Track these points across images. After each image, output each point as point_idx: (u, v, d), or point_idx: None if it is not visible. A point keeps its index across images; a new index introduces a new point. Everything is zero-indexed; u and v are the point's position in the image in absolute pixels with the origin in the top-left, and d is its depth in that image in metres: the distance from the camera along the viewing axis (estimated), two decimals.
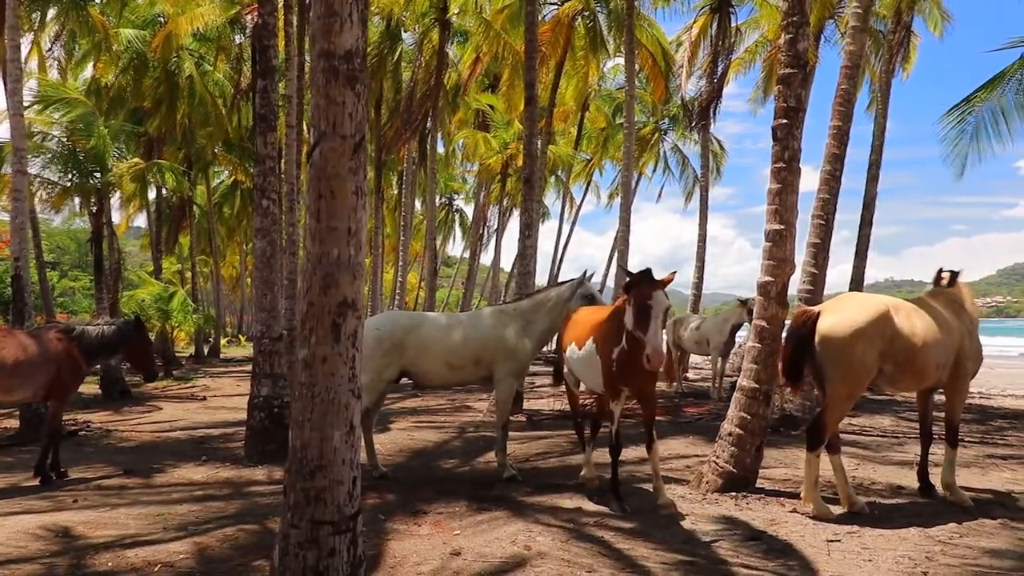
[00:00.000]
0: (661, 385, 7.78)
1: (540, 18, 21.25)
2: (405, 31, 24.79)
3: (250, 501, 7.05)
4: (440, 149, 35.11)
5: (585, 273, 8.01)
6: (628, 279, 6.21)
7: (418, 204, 37.24)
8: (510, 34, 21.87)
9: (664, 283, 6.08)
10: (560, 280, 8.85)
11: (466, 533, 5.84)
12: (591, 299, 7.77)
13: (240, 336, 51.27)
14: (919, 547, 5.36)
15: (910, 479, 7.66)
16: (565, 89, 25.77)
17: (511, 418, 12.57)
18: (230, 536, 5.80)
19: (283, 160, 17.52)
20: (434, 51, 21.38)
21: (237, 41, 25.22)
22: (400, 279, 26.42)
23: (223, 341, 39.29)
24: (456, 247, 58.05)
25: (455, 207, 51.24)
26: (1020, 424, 12.19)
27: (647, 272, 6.08)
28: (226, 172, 36.14)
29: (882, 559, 5.11)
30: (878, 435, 10.66)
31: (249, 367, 24.23)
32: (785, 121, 7.16)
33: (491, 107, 29.86)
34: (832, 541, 5.53)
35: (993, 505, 6.62)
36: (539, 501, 6.86)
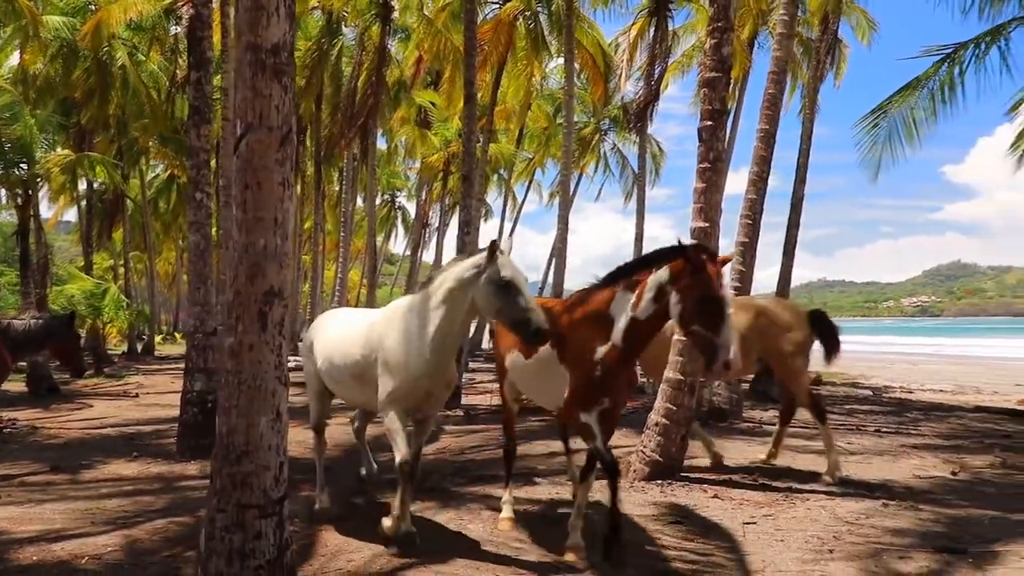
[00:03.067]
0: None
1: (482, 17, 21.39)
2: (346, 26, 24.66)
3: (181, 495, 7.03)
4: (382, 146, 34.99)
5: (494, 245, 4.86)
6: (672, 252, 4.79)
7: (360, 201, 37.02)
8: (451, 31, 21.92)
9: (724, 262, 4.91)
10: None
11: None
12: (506, 288, 4.72)
13: (176, 334, 50.18)
14: (828, 528, 5.68)
15: (826, 468, 8.04)
16: (507, 88, 25.96)
17: (447, 413, 12.73)
18: (160, 529, 5.80)
19: (219, 154, 17.26)
20: (375, 47, 21.32)
21: (173, 32, 24.71)
22: (341, 276, 26.24)
23: (158, 338, 38.40)
24: (399, 244, 57.81)
25: (397, 204, 51.03)
26: (933, 416, 12.82)
27: (705, 248, 4.89)
28: (161, 166, 35.36)
29: (793, 539, 5.41)
30: (799, 426, 11.10)
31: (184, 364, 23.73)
32: (710, 123, 7.44)
33: (432, 104, 29.89)
34: (748, 523, 5.81)
35: (897, 488, 7.02)
36: (472, 491, 7.00)
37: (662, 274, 4.79)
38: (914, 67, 13.32)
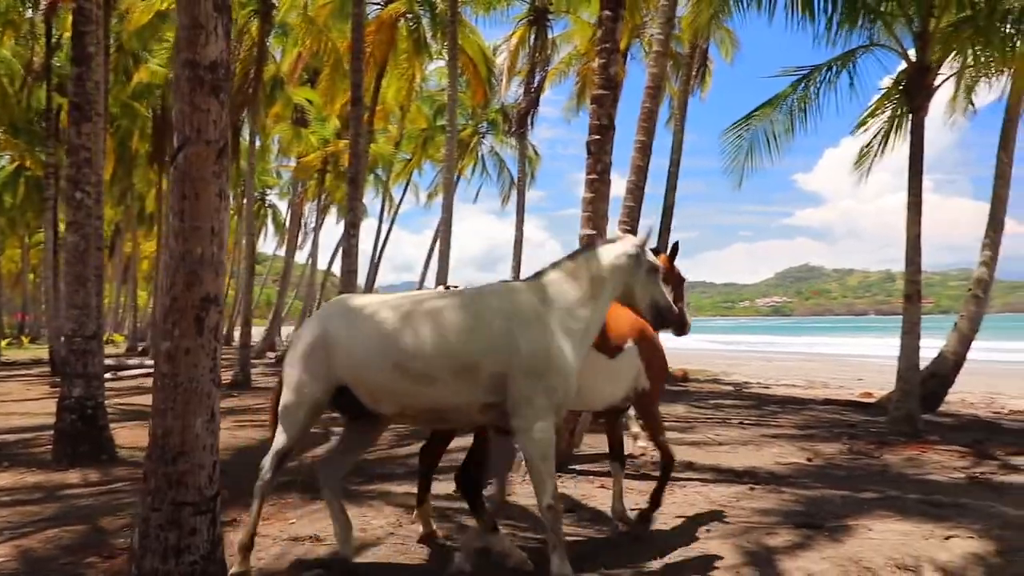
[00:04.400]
0: None
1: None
2: None
3: (67, 504, 6.81)
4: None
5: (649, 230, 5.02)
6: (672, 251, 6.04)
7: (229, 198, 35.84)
8: (332, 30, 21.75)
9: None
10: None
11: (302, 521, 6.07)
12: (658, 275, 4.90)
13: (23, 337, 46.86)
14: (704, 510, 6.27)
15: (699, 456, 8.74)
16: (387, 89, 25.96)
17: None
18: (53, 537, 5.65)
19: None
20: (254, 43, 20.82)
21: (28, 16, 23.16)
22: None
23: (2, 343, 35.77)
24: (268, 243, 56.30)
25: (268, 202, 49.72)
26: (789, 408, 14.00)
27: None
28: (7, 157, 32.99)
29: (674, 522, 5.95)
30: (673, 421, 11.89)
31: (38, 370, 22.39)
32: (598, 137, 7.94)
33: (310, 102, 29.43)
34: (633, 510, 6.30)
35: (762, 474, 7.77)
36: (371, 489, 7.19)
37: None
38: (772, 84, 14.46)
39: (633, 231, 12.49)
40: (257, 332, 34.92)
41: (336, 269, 23.26)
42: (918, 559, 5.01)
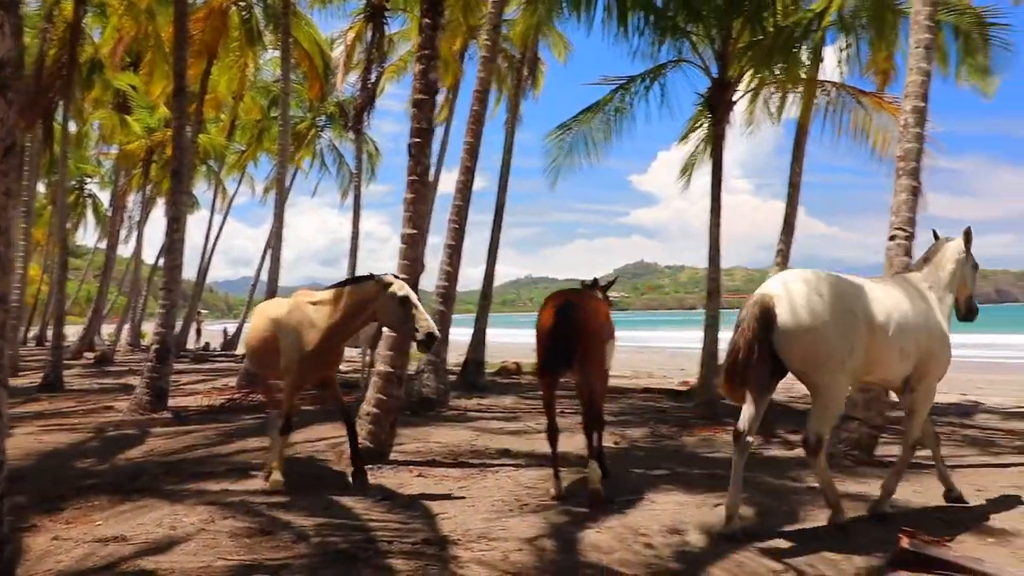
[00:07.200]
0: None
1: (192, 2, 20.47)
2: None
3: None
4: (71, 128, 31.70)
5: (971, 233, 6.30)
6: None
7: (41, 187, 33.23)
8: (157, 14, 20.76)
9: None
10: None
11: (109, 523, 5.96)
12: (976, 268, 6.36)
13: None
14: (511, 493, 6.75)
15: (516, 444, 9.26)
16: (218, 78, 25.03)
17: (152, 416, 12.31)
18: None
19: None
20: (68, 24, 19.47)
21: None
22: (21, 271, 23.54)
23: None
24: (88, 235, 52.58)
25: (87, 191, 46.47)
26: (609, 397, 14.84)
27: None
28: None
29: (483, 504, 6.37)
30: (500, 411, 12.43)
31: None
32: (418, 140, 8.24)
33: (133, 88, 27.87)
34: (446, 496, 6.67)
35: (571, 458, 8.37)
36: (185, 488, 7.11)
37: None
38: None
39: (461, 229, 12.93)
40: (76, 330, 32.62)
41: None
42: (687, 524, 5.69)
